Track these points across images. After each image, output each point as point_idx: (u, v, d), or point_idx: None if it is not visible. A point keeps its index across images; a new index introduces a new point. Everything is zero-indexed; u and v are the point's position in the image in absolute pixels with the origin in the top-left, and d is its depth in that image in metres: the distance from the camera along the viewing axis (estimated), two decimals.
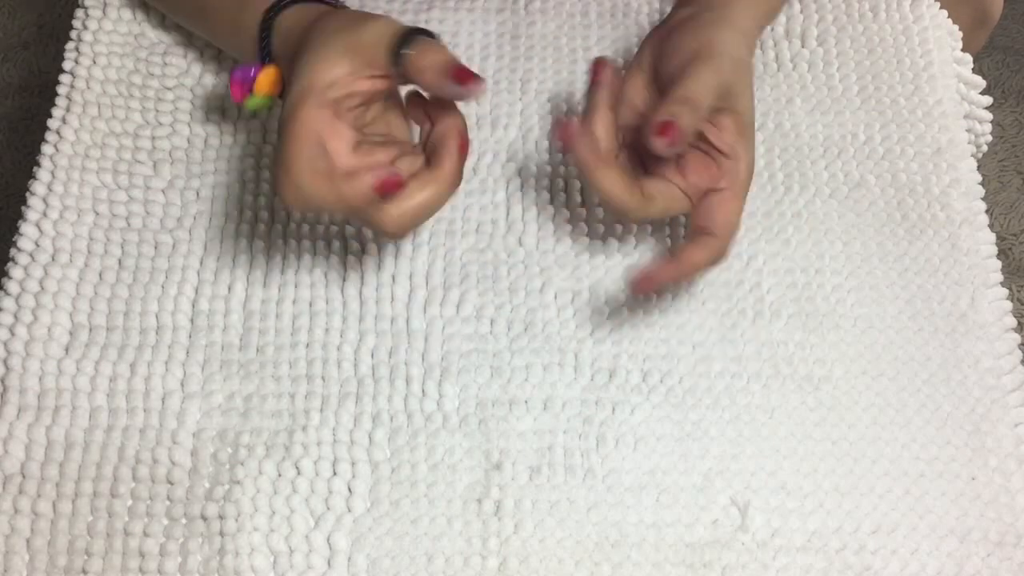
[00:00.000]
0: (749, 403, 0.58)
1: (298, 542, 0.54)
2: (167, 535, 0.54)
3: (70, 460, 0.56)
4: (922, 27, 0.71)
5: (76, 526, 0.54)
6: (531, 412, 0.58)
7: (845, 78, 0.69)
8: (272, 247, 0.62)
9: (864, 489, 0.56)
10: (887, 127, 0.67)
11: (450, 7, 0.72)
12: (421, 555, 0.54)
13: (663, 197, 0.55)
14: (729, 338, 0.60)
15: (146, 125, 0.66)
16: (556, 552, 0.54)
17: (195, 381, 0.58)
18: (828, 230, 0.64)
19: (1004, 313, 0.62)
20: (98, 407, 0.57)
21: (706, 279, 0.62)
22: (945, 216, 0.65)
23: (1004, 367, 0.60)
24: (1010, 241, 1.30)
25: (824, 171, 0.66)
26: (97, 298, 0.60)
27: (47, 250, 0.61)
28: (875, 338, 0.60)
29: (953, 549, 0.55)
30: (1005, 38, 1.46)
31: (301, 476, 0.55)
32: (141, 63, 0.68)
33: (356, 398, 0.58)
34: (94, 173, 0.64)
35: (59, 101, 0.67)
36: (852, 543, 0.55)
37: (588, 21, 0.71)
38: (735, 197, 0.55)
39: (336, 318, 0.60)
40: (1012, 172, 1.36)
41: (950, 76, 0.70)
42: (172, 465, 0.56)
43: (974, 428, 0.58)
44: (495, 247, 0.63)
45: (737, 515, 0.55)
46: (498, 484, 0.55)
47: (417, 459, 0.56)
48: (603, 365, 0.59)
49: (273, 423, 0.57)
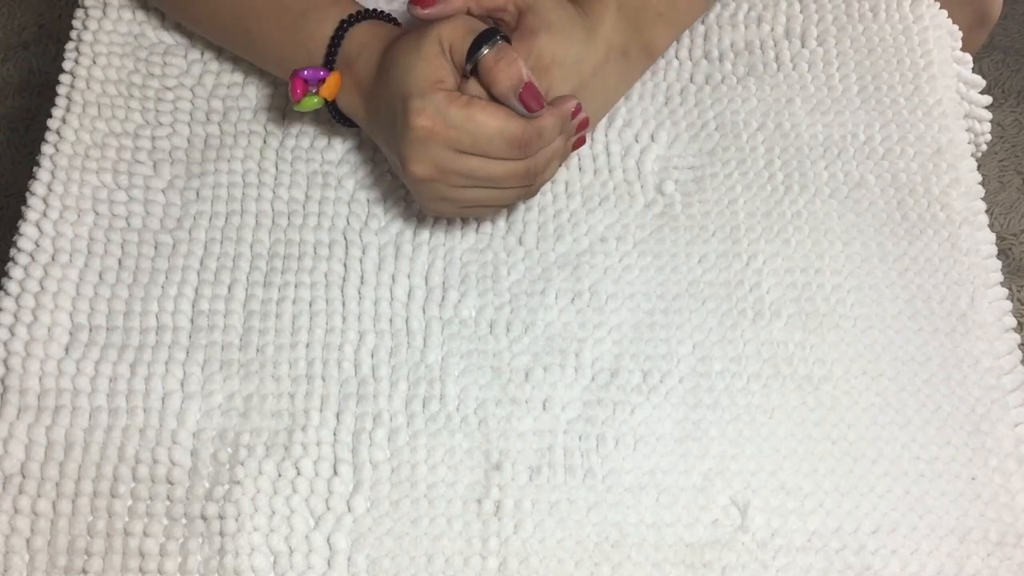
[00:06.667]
0: (749, 403, 0.58)
1: (298, 542, 0.54)
2: (167, 535, 0.54)
3: (70, 460, 0.56)
4: (922, 27, 0.71)
5: (76, 526, 0.54)
6: (531, 412, 0.58)
7: (845, 78, 0.69)
8: (272, 247, 0.62)
9: (864, 489, 0.56)
10: (887, 127, 0.67)
11: None
12: (421, 555, 0.54)
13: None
14: (729, 338, 0.60)
15: (146, 125, 0.66)
16: (556, 552, 0.54)
17: (195, 381, 0.58)
18: (828, 230, 0.64)
19: (1004, 313, 0.62)
20: (98, 407, 0.57)
21: (706, 279, 0.62)
22: (945, 216, 0.65)
23: (1004, 367, 0.60)
24: (1010, 241, 1.30)
25: (824, 171, 0.66)
26: (97, 298, 0.60)
27: (47, 250, 0.61)
28: (875, 338, 0.60)
29: (953, 549, 0.55)
30: (1005, 38, 1.46)
31: (301, 476, 0.55)
32: (141, 63, 0.68)
33: (356, 398, 0.58)
34: (94, 173, 0.64)
35: (59, 101, 0.67)
36: (852, 543, 0.55)
37: None
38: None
39: (336, 318, 0.60)
40: (1012, 172, 1.36)
41: (950, 76, 0.70)
42: (172, 465, 0.56)
43: (974, 428, 0.58)
44: (495, 247, 0.63)
45: (737, 515, 0.55)
46: (498, 484, 0.55)
47: (417, 459, 0.56)
48: (603, 365, 0.59)
49: (273, 423, 0.57)
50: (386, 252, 0.62)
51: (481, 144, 0.53)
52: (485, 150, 0.53)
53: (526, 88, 0.53)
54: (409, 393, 0.58)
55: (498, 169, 0.54)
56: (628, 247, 0.63)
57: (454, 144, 0.53)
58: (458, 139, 0.53)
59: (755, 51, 0.70)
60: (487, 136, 0.52)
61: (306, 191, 0.64)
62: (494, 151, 0.53)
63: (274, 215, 0.63)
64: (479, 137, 0.52)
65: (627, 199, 0.64)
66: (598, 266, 0.62)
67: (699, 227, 0.64)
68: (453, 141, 0.53)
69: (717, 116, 0.68)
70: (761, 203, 0.65)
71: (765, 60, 0.70)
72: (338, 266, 0.62)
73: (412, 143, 0.53)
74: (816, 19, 0.71)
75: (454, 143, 0.53)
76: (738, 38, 0.70)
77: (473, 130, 0.52)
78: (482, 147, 0.53)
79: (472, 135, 0.52)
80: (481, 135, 0.52)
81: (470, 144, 0.53)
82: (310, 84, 0.58)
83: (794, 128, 0.67)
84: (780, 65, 0.70)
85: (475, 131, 0.52)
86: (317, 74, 0.58)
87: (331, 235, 0.63)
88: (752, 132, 0.67)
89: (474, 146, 0.53)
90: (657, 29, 0.62)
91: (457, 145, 0.53)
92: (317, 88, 0.58)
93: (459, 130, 0.52)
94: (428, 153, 0.53)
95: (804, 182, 0.65)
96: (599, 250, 0.63)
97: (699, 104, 0.68)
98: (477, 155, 0.53)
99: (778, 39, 0.71)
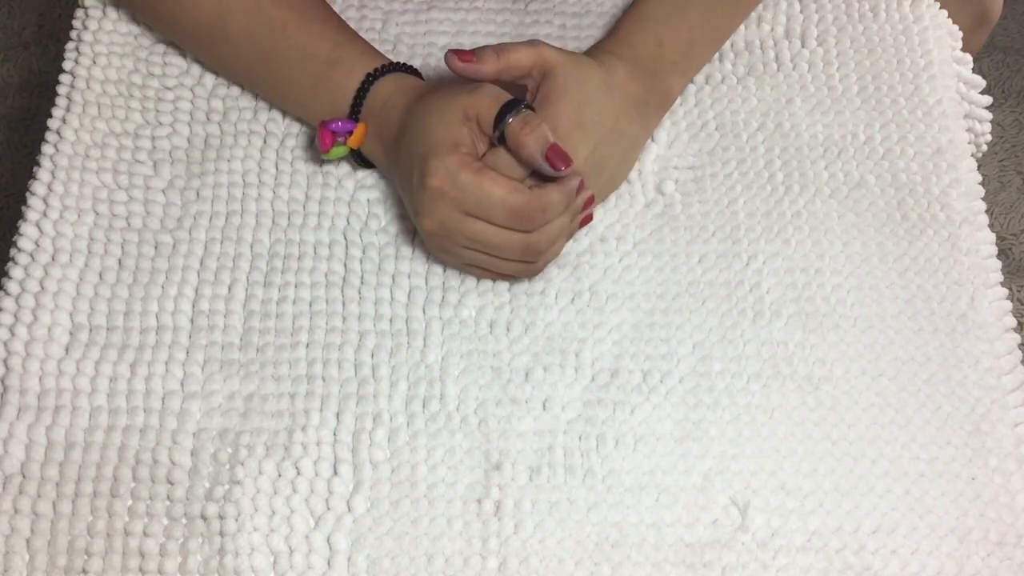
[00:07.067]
0: (749, 403, 0.58)
1: (298, 542, 0.54)
2: (167, 535, 0.54)
3: (70, 460, 0.56)
4: (922, 27, 0.71)
5: (76, 526, 0.54)
6: (531, 412, 0.58)
7: (845, 78, 0.69)
8: (272, 247, 0.62)
9: (864, 489, 0.56)
10: (887, 127, 0.67)
11: (450, 7, 0.71)
12: (421, 555, 0.54)
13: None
14: (729, 338, 0.60)
15: (146, 125, 0.66)
16: (556, 552, 0.54)
17: (195, 381, 0.58)
18: (828, 230, 0.64)
19: (1004, 313, 0.62)
20: (98, 407, 0.57)
21: (706, 279, 0.62)
22: (945, 216, 0.65)
23: (1004, 367, 0.60)
24: (1010, 241, 1.30)
25: (824, 171, 0.66)
26: (97, 298, 0.60)
27: (47, 250, 0.61)
28: (875, 338, 0.60)
29: (953, 549, 0.55)
30: (1005, 38, 1.46)
31: (301, 476, 0.55)
32: (141, 63, 0.68)
33: (356, 398, 0.58)
34: (94, 173, 0.64)
35: (59, 101, 0.67)
36: (852, 543, 0.55)
37: (588, 22, 0.71)
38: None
39: (336, 318, 0.60)
40: (1012, 172, 1.36)
41: (950, 76, 0.70)
42: (172, 465, 0.56)
43: (974, 428, 0.58)
44: None
45: (737, 515, 0.55)
46: (498, 484, 0.55)
47: (417, 459, 0.56)
48: (603, 365, 0.59)
49: (273, 423, 0.57)
50: (386, 252, 0.62)
51: (485, 209, 0.55)
52: (489, 215, 0.56)
53: (551, 149, 0.55)
54: (409, 393, 0.58)
55: (497, 237, 0.56)
56: (628, 247, 0.63)
57: (460, 205, 0.56)
58: (464, 200, 0.56)
59: (755, 51, 0.70)
60: (491, 202, 0.55)
61: (306, 191, 0.64)
62: (496, 218, 0.56)
63: (274, 215, 0.63)
64: (483, 202, 0.55)
65: (627, 199, 0.64)
66: (598, 266, 0.62)
67: (699, 227, 0.64)
68: (460, 202, 0.56)
69: (717, 116, 0.68)
70: (761, 203, 0.65)
71: (765, 60, 0.70)
72: (338, 266, 0.62)
73: (424, 200, 0.56)
74: (816, 19, 0.71)
75: (460, 204, 0.56)
76: (738, 38, 0.70)
77: (478, 195, 0.55)
78: (486, 212, 0.56)
79: (477, 199, 0.55)
80: (485, 200, 0.55)
81: (475, 207, 0.56)
82: (338, 135, 0.61)
83: (794, 128, 0.67)
84: (780, 65, 0.70)
85: (480, 196, 0.55)
86: (346, 126, 0.61)
87: (331, 235, 0.63)
88: (752, 132, 0.67)
89: (478, 210, 0.56)
90: (672, 78, 0.65)
91: (463, 207, 0.56)
92: (345, 139, 0.61)
93: (466, 192, 0.55)
94: (437, 210, 0.56)
95: (804, 182, 0.65)
96: (599, 250, 0.63)
97: (699, 104, 0.68)
98: (481, 219, 0.56)
99: (778, 39, 0.71)
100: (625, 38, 0.64)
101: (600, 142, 0.60)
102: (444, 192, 0.55)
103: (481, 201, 0.55)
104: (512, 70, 0.59)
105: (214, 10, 0.63)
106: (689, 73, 0.66)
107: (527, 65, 0.59)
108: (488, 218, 0.56)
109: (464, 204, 0.56)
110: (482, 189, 0.55)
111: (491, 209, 0.55)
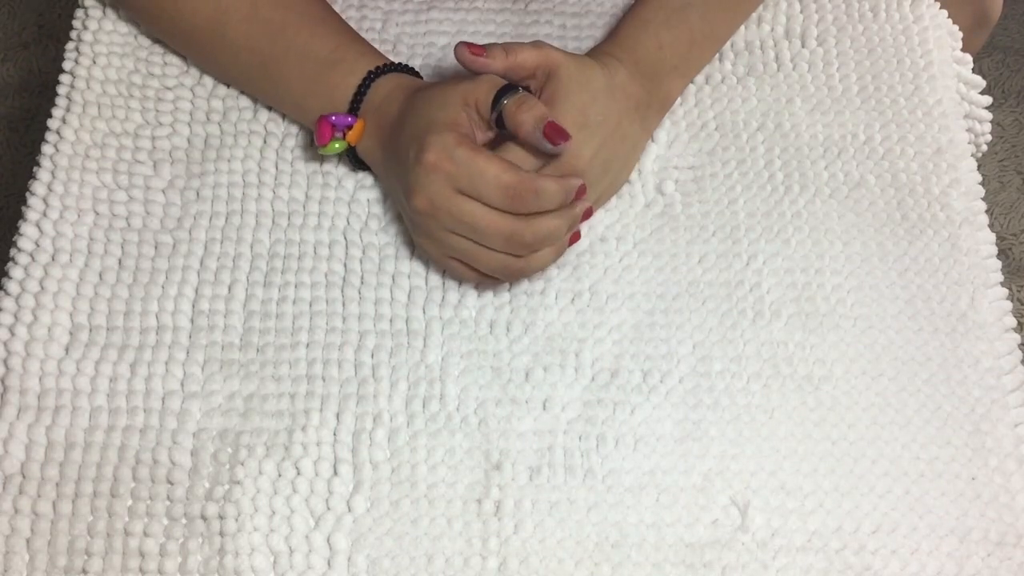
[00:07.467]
0: (749, 403, 0.58)
1: (298, 542, 0.54)
2: (167, 535, 0.54)
3: (70, 460, 0.56)
4: (922, 27, 0.71)
5: (76, 526, 0.54)
6: (531, 412, 0.58)
7: (845, 78, 0.69)
8: (272, 247, 0.62)
9: (864, 489, 0.56)
10: (887, 127, 0.67)
11: (450, 7, 0.72)
12: (421, 555, 0.54)
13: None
14: (729, 338, 0.60)
15: (146, 125, 0.66)
16: (556, 552, 0.54)
17: (195, 381, 0.58)
18: (828, 230, 0.64)
19: (1004, 313, 0.62)
20: (98, 407, 0.57)
21: (706, 279, 0.62)
22: (945, 216, 0.65)
23: (1004, 367, 0.60)
24: (1010, 241, 1.30)
25: (824, 171, 0.66)
26: (97, 298, 0.60)
27: (47, 250, 0.61)
28: (875, 338, 0.60)
29: (953, 549, 0.55)
30: (1005, 38, 1.46)
31: (301, 476, 0.55)
32: (141, 63, 0.68)
33: (356, 398, 0.58)
34: (94, 173, 0.64)
35: (59, 101, 0.67)
36: (852, 543, 0.55)
37: (588, 22, 0.71)
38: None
39: (336, 318, 0.60)
40: (1012, 172, 1.36)
41: (950, 76, 0.70)
42: (172, 465, 0.56)
43: (974, 428, 0.58)
44: None
45: (737, 515, 0.55)
46: (498, 484, 0.55)
47: (417, 459, 0.56)
48: (603, 365, 0.59)
49: (273, 423, 0.57)
50: (386, 252, 0.62)
51: (477, 185, 0.55)
52: (480, 193, 0.55)
53: (548, 125, 0.56)
54: (409, 393, 0.58)
55: (484, 219, 0.55)
56: (628, 247, 0.63)
57: (453, 181, 0.55)
58: (458, 176, 0.55)
59: (755, 51, 0.70)
60: (484, 179, 0.55)
61: (306, 191, 0.64)
62: (488, 195, 0.55)
63: (274, 215, 0.63)
64: (475, 178, 0.55)
65: (627, 199, 0.64)
66: (598, 266, 0.62)
67: (699, 227, 0.64)
68: (453, 178, 0.55)
69: (717, 116, 0.68)
70: (761, 203, 0.65)
71: (765, 60, 0.70)
72: (338, 266, 0.62)
73: (417, 175, 0.56)
74: (816, 19, 0.71)
75: (454, 180, 0.55)
76: (738, 38, 0.70)
77: (471, 170, 0.55)
78: (478, 189, 0.55)
79: (470, 175, 0.55)
80: (478, 176, 0.55)
81: (467, 184, 0.55)
82: (337, 129, 0.61)
83: (794, 128, 0.67)
84: (780, 65, 0.70)
85: (473, 171, 0.55)
86: (345, 120, 0.61)
87: (331, 235, 0.63)
88: (752, 132, 0.67)
89: (471, 187, 0.55)
90: (673, 81, 0.65)
91: (456, 182, 0.55)
92: (343, 133, 0.61)
93: (460, 167, 0.55)
94: (428, 185, 0.56)
95: (804, 182, 0.65)
96: (599, 250, 0.63)
97: (699, 104, 0.68)
98: (472, 199, 0.55)
99: (778, 39, 0.71)
100: (626, 41, 0.64)
101: (604, 143, 0.60)
102: (439, 166, 0.55)
103: (474, 176, 0.55)
104: (518, 70, 0.59)
105: (211, 15, 0.63)
106: (689, 76, 0.66)
107: (532, 66, 0.59)
108: (479, 196, 0.55)
109: (457, 180, 0.55)
110: (476, 164, 0.55)
111: (483, 186, 0.55)
